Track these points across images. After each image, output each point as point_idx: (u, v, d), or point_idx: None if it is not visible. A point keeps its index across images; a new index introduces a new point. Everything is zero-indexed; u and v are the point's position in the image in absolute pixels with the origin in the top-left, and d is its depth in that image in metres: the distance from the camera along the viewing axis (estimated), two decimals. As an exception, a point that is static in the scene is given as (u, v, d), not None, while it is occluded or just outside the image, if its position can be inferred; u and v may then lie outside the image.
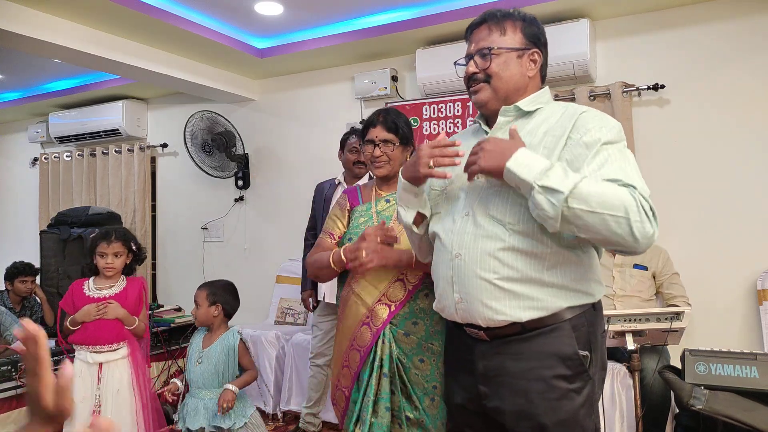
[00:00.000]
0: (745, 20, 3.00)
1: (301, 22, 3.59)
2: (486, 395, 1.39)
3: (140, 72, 3.75)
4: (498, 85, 1.42)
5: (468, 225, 1.38)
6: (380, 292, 1.88)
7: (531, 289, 1.32)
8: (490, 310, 1.34)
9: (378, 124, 1.93)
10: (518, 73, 1.42)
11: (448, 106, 3.52)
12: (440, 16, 3.35)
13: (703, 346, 2.15)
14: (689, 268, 2.96)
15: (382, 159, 1.92)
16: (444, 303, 1.46)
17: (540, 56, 1.45)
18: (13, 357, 2.75)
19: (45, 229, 4.01)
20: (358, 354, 1.89)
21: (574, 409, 1.33)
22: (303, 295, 3.31)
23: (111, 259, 2.51)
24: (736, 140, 3.00)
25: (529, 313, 1.32)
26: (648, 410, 2.41)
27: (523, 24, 1.44)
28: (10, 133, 5.93)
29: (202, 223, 4.68)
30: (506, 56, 1.41)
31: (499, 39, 1.42)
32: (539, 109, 1.44)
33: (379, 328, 1.85)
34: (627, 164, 1.29)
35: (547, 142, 1.35)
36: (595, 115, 1.36)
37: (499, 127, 1.45)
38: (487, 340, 1.39)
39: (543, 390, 1.32)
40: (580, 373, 1.34)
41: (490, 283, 1.33)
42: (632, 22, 3.25)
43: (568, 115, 1.37)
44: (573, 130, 1.33)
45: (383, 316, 1.85)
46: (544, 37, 1.47)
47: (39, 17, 3.10)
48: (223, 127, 4.28)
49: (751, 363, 1.98)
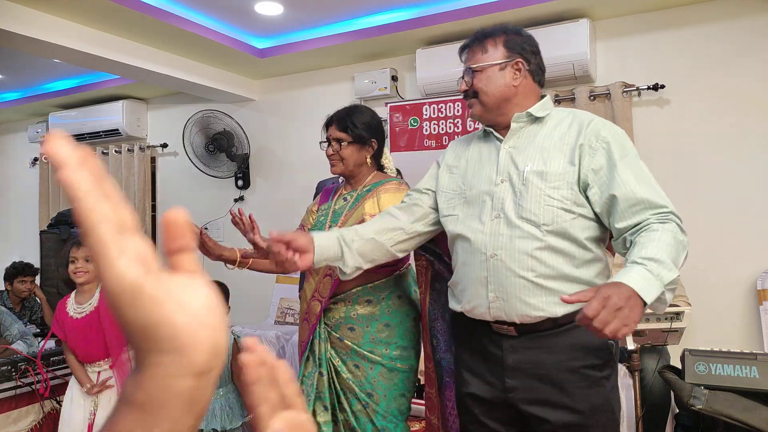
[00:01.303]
0: (745, 20, 3.00)
1: (301, 22, 3.59)
2: (514, 388, 1.47)
3: (140, 72, 3.74)
4: (485, 99, 1.53)
5: (501, 227, 1.46)
6: (313, 288, 1.93)
7: (564, 286, 1.41)
8: (527, 307, 1.42)
9: (333, 123, 1.97)
10: (503, 84, 1.51)
11: (448, 106, 3.52)
12: (440, 16, 3.35)
13: (703, 346, 2.15)
14: (689, 268, 2.93)
15: (334, 157, 1.96)
16: (474, 303, 1.51)
17: (524, 64, 1.52)
18: (13, 357, 2.75)
19: (45, 229, 4.01)
20: (300, 348, 1.96)
21: (605, 395, 1.45)
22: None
23: (81, 263, 2.37)
24: (736, 140, 3.00)
25: (564, 308, 1.40)
26: (648, 410, 2.41)
27: (505, 37, 1.53)
28: (10, 133, 5.93)
29: (202, 223, 4.68)
30: (489, 71, 1.52)
31: (481, 57, 1.54)
32: (548, 114, 1.54)
33: (314, 324, 1.89)
34: (648, 175, 1.41)
35: (564, 148, 1.45)
36: (605, 124, 1.47)
37: (512, 134, 1.54)
38: (515, 336, 1.47)
39: (576, 380, 1.42)
40: (609, 361, 1.47)
41: (528, 280, 1.42)
42: (632, 22, 3.25)
43: (577, 123, 1.48)
44: (588, 138, 1.43)
45: (315, 311, 1.89)
46: (531, 44, 1.55)
47: (39, 17, 3.10)
48: (223, 126, 4.28)
49: (751, 363, 1.98)
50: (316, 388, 1.87)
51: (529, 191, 1.44)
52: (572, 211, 1.42)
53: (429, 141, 3.59)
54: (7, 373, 2.65)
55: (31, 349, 3.00)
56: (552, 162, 1.45)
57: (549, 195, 1.42)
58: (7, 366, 2.66)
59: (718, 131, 3.04)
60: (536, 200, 1.43)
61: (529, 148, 1.49)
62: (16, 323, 3.18)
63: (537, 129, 1.52)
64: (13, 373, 2.66)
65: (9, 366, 2.67)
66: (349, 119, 1.95)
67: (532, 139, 1.51)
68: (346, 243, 1.58)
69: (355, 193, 1.99)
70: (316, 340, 1.88)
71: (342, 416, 1.86)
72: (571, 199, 1.42)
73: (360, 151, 1.96)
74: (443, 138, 3.54)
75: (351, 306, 1.87)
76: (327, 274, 1.87)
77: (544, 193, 1.42)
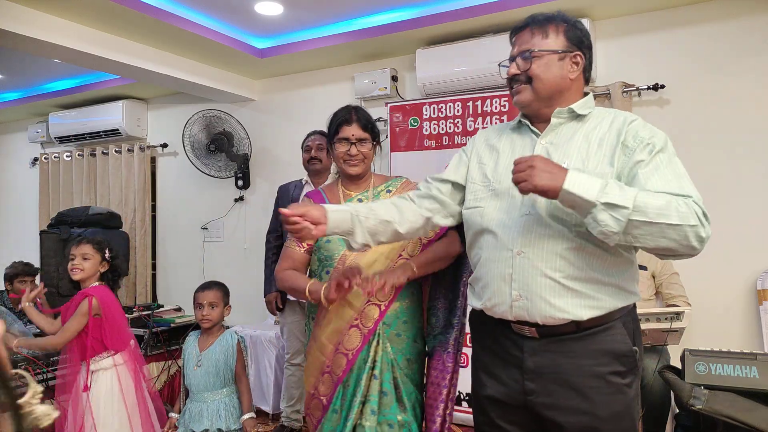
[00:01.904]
0: (745, 20, 3.00)
1: (301, 22, 3.59)
2: (533, 391, 1.43)
3: (140, 72, 3.75)
4: (539, 86, 1.45)
5: (531, 224, 1.41)
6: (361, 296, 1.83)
7: (592, 289, 1.38)
8: (552, 308, 1.38)
9: (354, 122, 1.89)
10: (560, 75, 1.45)
11: (448, 106, 3.52)
12: (440, 16, 3.35)
13: (703, 346, 2.15)
14: (689, 268, 2.95)
15: (357, 158, 1.89)
16: (496, 300, 1.46)
17: (582, 59, 1.46)
18: (13, 357, 2.75)
19: (45, 229, 4.01)
20: (345, 358, 1.82)
21: (627, 402, 1.40)
22: (268, 297, 3.29)
23: (78, 261, 2.45)
24: (736, 140, 3.00)
25: (589, 312, 1.37)
26: (648, 410, 2.41)
27: (567, 27, 1.47)
28: (10, 133, 5.93)
29: (202, 223, 4.68)
30: (548, 58, 1.44)
31: (540, 42, 1.46)
32: (590, 113, 1.48)
33: (371, 329, 1.81)
34: (679, 172, 1.35)
35: (604, 148, 1.40)
36: (645, 125, 1.41)
37: (551, 129, 1.48)
38: (536, 338, 1.43)
39: (599, 386, 1.38)
40: (633, 368, 1.42)
41: (556, 281, 1.38)
42: (632, 22, 3.25)
43: (618, 123, 1.42)
44: (626, 138, 1.38)
45: (374, 315, 1.82)
46: (588, 40, 1.49)
47: (39, 17, 3.10)
48: (223, 126, 4.29)
49: (751, 363, 1.98)
50: (364, 392, 1.79)
51: None
52: None
53: (429, 141, 3.59)
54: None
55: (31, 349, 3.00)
56: (591, 161, 1.39)
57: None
58: (7, 366, 2.66)
59: (718, 131, 3.04)
60: None
61: (568, 146, 1.44)
62: (16, 323, 3.19)
63: (577, 126, 1.46)
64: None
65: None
66: (368, 117, 1.93)
67: (572, 137, 1.45)
68: (359, 219, 1.55)
69: (369, 192, 1.94)
70: (374, 342, 1.81)
71: (402, 416, 1.79)
72: None
73: (373, 150, 1.96)
74: (443, 138, 3.54)
75: (402, 300, 1.86)
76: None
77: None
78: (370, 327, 1.81)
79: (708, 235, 1.28)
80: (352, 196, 1.94)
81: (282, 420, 3.37)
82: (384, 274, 1.71)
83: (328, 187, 2.05)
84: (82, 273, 2.48)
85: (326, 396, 1.86)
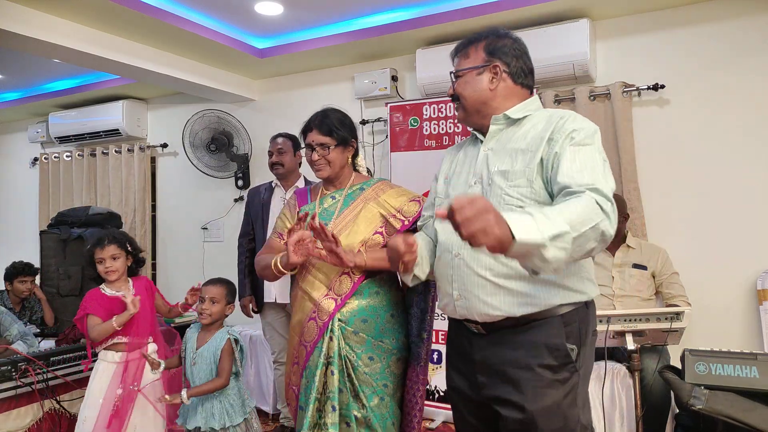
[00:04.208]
0: (745, 20, 3.00)
1: (301, 22, 3.59)
2: (484, 385, 1.48)
3: (140, 72, 3.75)
4: (464, 103, 1.57)
5: None
6: (326, 286, 1.91)
7: (526, 286, 1.40)
8: (486, 306, 1.43)
9: (314, 128, 1.97)
10: (479, 88, 1.54)
11: (448, 106, 3.52)
12: (440, 16, 3.35)
13: (703, 346, 2.15)
14: (689, 268, 2.96)
15: (320, 162, 1.97)
16: (445, 300, 1.55)
17: (501, 67, 1.53)
18: (13, 357, 2.75)
19: (45, 229, 4.01)
20: (305, 350, 1.92)
21: (557, 399, 1.39)
22: (242, 301, 3.28)
23: (110, 263, 2.48)
24: (736, 140, 3.00)
25: (523, 309, 1.40)
26: (648, 410, 2.41)
27: (487, 42, 1.56)
28: (10, 133, 5.94)
29: (202, 223, 4.68)
30: (467, 76, 1.56)
31: (463, 62, 1.58)
32: (528, 116, 1.54)
33: (326, 322, 1.88)
34: (593, 162, 1.35)
35: (532, 146, 1.45)
36: (575, 118, 1.45)
37: (491, 136, 1.56)
38: (485, 334, 1.49)
39: (530, 378, 1.39)
40: (566, 364, 1.41)
41: (486, 280, 1.42)
42: (632, 22, 3.25)
43: (553, 120, 1.46)
44: (553, 132, 1.43)
45: (329, 309, 1.89)
46: (515, 47, 1.56)
47: (39, 17, 3.10)
48: (223, 126, 4.29)
49: (751, 363, 1.98)
50: (325, 388, 1.87)
51: (492, 191, 1.46)
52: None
53: (429, 141, 3.59)
54: (7, 373, 2.65)
55: (31, 350, 3.00)
56: (518, 161, 1.45)
57: (508, 194, 1.42)
58: (7, 366, 2.66)
59: (718, 131, 3.04)
60: (496, 200, 1.44)
61: (504, 150, 1.50)
62: (16, 323, 3.18)
63: (515, 130, 1.52)
64: (13, 373, 2.66)
65: (9, 366, 2.66)
66: (330, 122, 1.97)
67: (508, 141, 1.51)
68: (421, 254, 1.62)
69: (344, 191, 2.02)
70: (327, 337, 1.88)
71: (361, 413, 1.86)
72: (530, 197, 1.40)
73: (343, 153, 2.00)
74: (443, 138, 3.55)
75: (362, 298, 1.91)
76: (344, 272, 1.90)
77: (504, 192, 1.43)
78: (324, 320, 1.89)
79: (614, 228, 1.25)
80: (327, 194, 2.04)
81: (282, 420, 3.37)
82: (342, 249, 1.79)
83: (314, 187, 2.14)
84: (117, 273, 2.50)
85: (297, 386, 1.97)
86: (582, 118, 1.47)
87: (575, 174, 1.32)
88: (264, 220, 3.28)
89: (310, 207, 2.03)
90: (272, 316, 3.28)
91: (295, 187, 3.27)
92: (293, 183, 3.29)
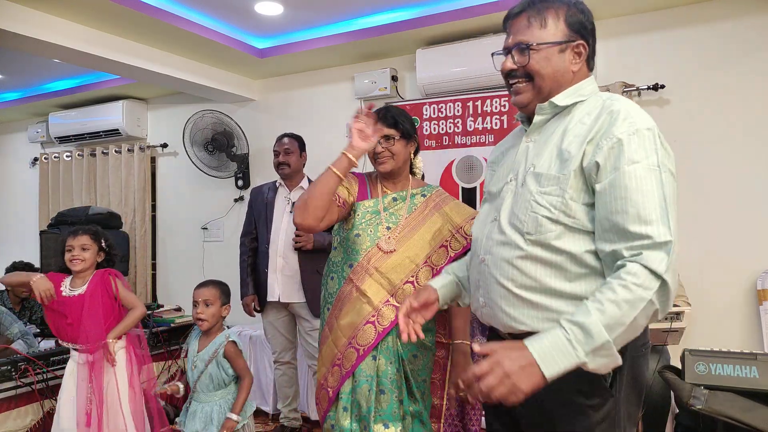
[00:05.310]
0: (745, 20, 3.00)
1: (301, 22, 3.59)
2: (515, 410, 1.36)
3: (140, 72, 3.75)
4: (541, 84, 1.30)
5: (494, 231, 1.34)
6: (389, 293, 1.89)
7: (551, 300, 1.24)
8: (509, 318, 1.30)
9: (378, 121, 1.91)
10: (562, 69, 1.29)
11: (448, 106, 3.52)
12: (440, 16, 3.35)
13: (703, 346, 2.15)
14: (689, 268, 2.96)
15: (384, 154, 1.94)
16: (474, 306, 1.44)
17: (586, 48, 1.31)
18: (13, 357, 2.75)
19: (45, 229, 4.01)
20: (356, 353, 1.88)
21: (589, 426, 1.25)
22: (245, 300, 3.29)
23: (77, 251, 2.47)
24: (736, 140, 3.00)
25: (548, 325, 1.22)
26: (648, 410, 2.41)
27: (567, 11, 1.30)
28: (10, 133, 5.93)
29: (202, 223, 4.68)
30: (547, 52, 1.28)
31: (539, 32, 1.28)
32: (579, 103, 1.30)
33: (386, 328, 1.87)
34: (645, 197, 1.14)
35: (571, 146, 1.24)
36: (625, 117, 1.20)
37: (536, 128, 1.35)
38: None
39: (560, 402, 1.26)
40: (600, 391, 1.25)
41: (508, 290, 1.28)
42: (632, 22, 3.25)
43: (600, 115, 1.24)
44: (596, 134, 1.21)
45: (391, 316, 1.87)
46: (591, 24, 1.33)
47: (39, 17, 3.10)
48: (223, 126, 4.29)
49: (751, 363, 1.98)
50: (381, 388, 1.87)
51: (522, 195, 1.28)
52: (559, 221, 1.22)
53: (429, 141, 3.59)
54: (7, 373, 2.65)
55: (31, 349, 3.00)
56: (554, 163, 1.25)
57: (536, 201, 1.25)
58: (7, 366, 2.66)
59: (718, 131, 3.04)
60: (524, 205, 1.27)
61: (545, 145, 1.30)
62: (16, 323, 3.19)
63: (562, 120, 1.30)
64: (13, 373, 2.67)
65: (9, 366, 2.67)
66: (394, 114, 1.95)
67: (552, 134, 1.30)
68: (463, 285, 1.57)
69: (406, 194, 1.99)
70: (390, 337, 1.88)
71: (413, 408, 1.87)
72: (560, 209, 1.22)
73: (406, 147, 1.98)
74: (443, 138, 3.54)
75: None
76: (408, 281, 1.90)
77: (532, 198, 1.25)
78: (386, 326, 1.88)
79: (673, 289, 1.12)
80: (388, 194, 1.99)
81: (281, 420, 3.37)
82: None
83: (372, 178, 2.07)
84: (83, 263, 2.49)
85: (333, 388, 1.92)
86: (636, 113, 1.22)
87: (619, 218, 1.14)
88: (267, 219, 3.28)
89: (371, 203, 1.98)
90: (274, 316, 3.28)
91: (300, 187, 3.27)
92: (298, 183, 3.29)
